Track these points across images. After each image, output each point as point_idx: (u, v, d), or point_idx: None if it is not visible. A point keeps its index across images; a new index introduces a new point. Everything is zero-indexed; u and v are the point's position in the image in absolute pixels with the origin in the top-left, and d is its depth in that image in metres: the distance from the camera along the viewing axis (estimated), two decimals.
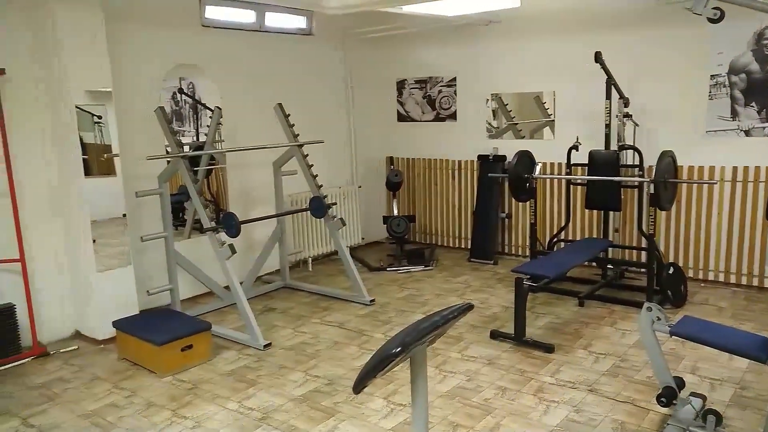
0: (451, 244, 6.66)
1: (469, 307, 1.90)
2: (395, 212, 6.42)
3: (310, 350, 4.06)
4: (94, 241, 4.15)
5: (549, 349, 3.87)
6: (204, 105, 6.52)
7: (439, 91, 6.44)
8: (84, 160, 4.12)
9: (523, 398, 3.30)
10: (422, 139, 6.68)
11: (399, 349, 1.63)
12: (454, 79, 6.31)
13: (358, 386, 1.70)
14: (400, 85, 6.73)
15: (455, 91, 6.34)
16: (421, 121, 6.66)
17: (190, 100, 7.12)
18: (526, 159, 4.96)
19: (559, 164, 5.66)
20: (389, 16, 5.49)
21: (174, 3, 4.80)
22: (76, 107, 4.02)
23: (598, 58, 4.81)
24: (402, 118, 6.80)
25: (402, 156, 6.86)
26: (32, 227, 4.14)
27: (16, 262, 4.01)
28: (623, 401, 3.22)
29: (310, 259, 6.05)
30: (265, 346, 4.08)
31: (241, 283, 4.38)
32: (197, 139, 6.87)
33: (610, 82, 4.89)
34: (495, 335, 4.14)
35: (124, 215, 4.42)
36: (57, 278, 4.31)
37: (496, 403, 3.26)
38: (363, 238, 6.64)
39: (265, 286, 5.41)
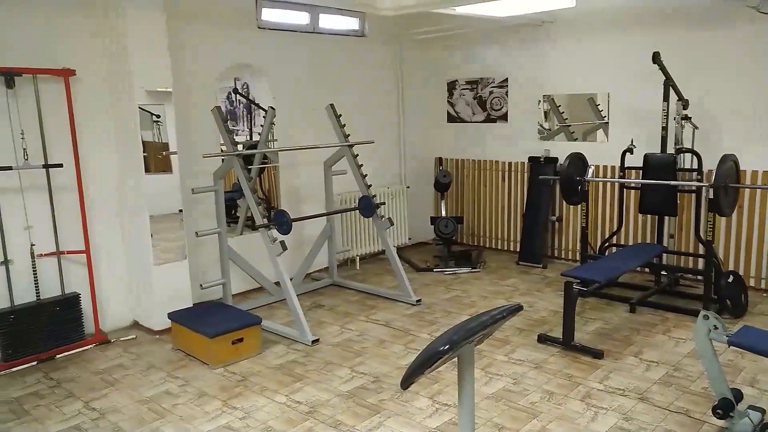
0: (498, 247, 6.60)
1: (518, 308, 1.89)
2: (443, 213, 6.41)
3: (356, 347, 4.11)
4: (152, 235, 4.32)
5: (598, 354, 3.80)
6: (258, 105, 6.68)
7: (491, 92, 6.40)
8: (143, 157, 4.30)
9: (570, 403, 3.25)
10: (472, 140, 6.65)
11: (447, 346, 1.65)
12: (506, 80, 6.25)
13: (406, 382, 1.72)
14: (451, 85, 6.72)
15: (506, 92, 6.28)
16: (471, 122, 6.63)
17: (244, 100, 7.32)
18: (578, 161, 4.88)
19: (612, 167, 5.53)
20: (441, 17, 5.50)
21: (232, 5, 4.95)
22: (139, 107, 4.20)
23: (656, 58, 4.68)
24: (452, 118, 6.79)
25: (451, 157, 6.85)
26: (96, 221, 4.35)
27: (81, 254, 4.23)
28: (676, 411, 3.13)
29: (357, 257, 6.12)
30: (313, 341, 4.16)
31: (290, 280, 4.47)
32: (250, 138, 7.05)
33: (669, 84, 4.75)
34: (542, 339, 4.09)
35: (181, 211, 4.58)
36: (117, 270, 4.51)
37: (543, 407, 3.22)
38: (410, 239, 6.66)
39: (314, 283, 5.50)
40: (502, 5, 4.36)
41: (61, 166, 4.06)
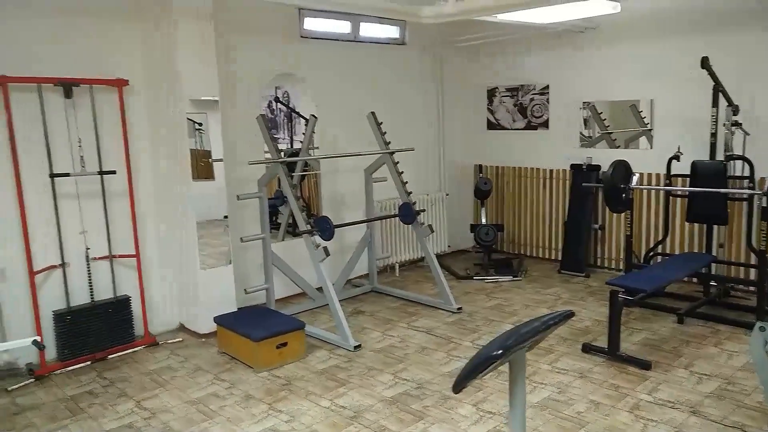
0: (540, 255, 6.53)
1: (570, 315, 1.88)
2: (483, 221, 6.38)
3: (398, 354, 4.13)
4: (198, 241, 4.43)
5: (646, 365, 3.72)
6: (298, 113, 6.79)
7: (531, 99, 6.36)
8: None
9: (619, 414, 3.19)
10: (512, 147, 6.61)
11: (500, 351, 1.65)
12: (547, 87, 6.20)
13: (458, 386, 1.73)
14: (491, 93, 6.70)
15: (548, 99, 6.23)
16: (511, 129, 6.59)
17: (285, 109, 7.45)
18: (622, 169, 4.80)
19: (657, 175, 5.42)
20: (482, 24, 5.51)
21: (276, 16, 5.06)
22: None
23: (705, 63, 4.58)
24: (492, 126, 6.77)
25: (491, 164, 6.82)
26: (146, 226, 4.49)
27: (132, 258, 4.37)
28: (731, 426, 3.04)
29: (397, 264, 6.14)
30: (356, 347, 4.19)
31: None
32: (291, 146, 7.16)
33: (718, 89, 4.64)
34: (587, 349, 4.02)
35: (226, 217, 4.69)
36: (165, 274, 4.64)
37: (589, 417, 3.17)
38: (449, 246, 6.65)
39: (354, 290, 5.54)
40: (546, 12, 4.34)
41: (114, 172, 4.21)
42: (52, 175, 3.96)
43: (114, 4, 4.19)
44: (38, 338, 3.45)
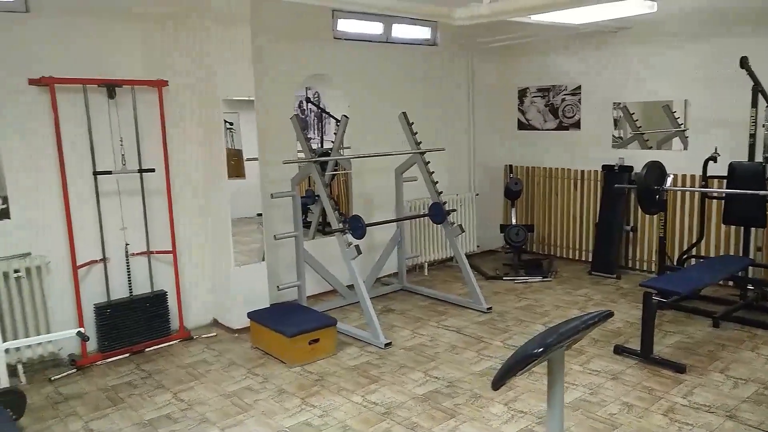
0: (570, 256, 6.48)
1: (609, 314, 1.89)
2: (513, 221, 6.36)
3: (429, 352, 4.15)
4: (232, 238, 4.52)
5: (680, 368, 3.68)
6: (329, 113, 6.87)
7: (563, 100, 6.32)
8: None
9: (652, 417, 3.17)
10: (543, 148, 6.58)
11: (540, 349, 1.67)
12: (579, 87, 6.16)
13: (498, 383, 1.75)
14: (522, 93, 6.68)
15: (579, 99, 6.19)
16: (542, 129, 6.57)
17: (315, 109, 7.53)
18: (656, 170, 4.75)
19: (692, 176, 5.35)
20: (514, 25, 5.50)
21: (310, 17, 5.13)
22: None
23: (744, 63, 4.51)
24: (522, 126, 6.75)
25: (521, 164, 6.80)
26: (182, 223, 4.59)
27: (168, 254, 4.48)
28: None
29: (426, 264, 6.17)
30: (386, 345, 4.23)
31: None
32: (321, 145, 7.24)
33: (757, 89, 4.56)
34: (619, 350, 4.00)
35: (260, 215, 4.78)
36: (200, 270, 4.74)
37: (622, 419, 3.16)
38: (478, 246, 6.65)
39: (383, 288, 5.58)
40: (580, 13, 4.32)
41: (153, 170, 4.32)
42: (95, 173, 4.09)
43: (155, 9, 4.30)
44: (82, 330, 3.58)
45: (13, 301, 3.80)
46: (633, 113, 5.81)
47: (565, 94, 6.30)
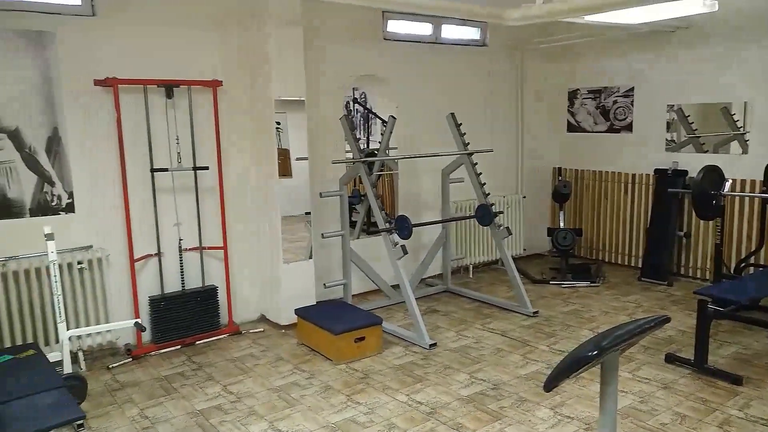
0: (619, 261, 6.34)
1: (666, 320, 1.86)
2: (561, 224, 6.27)
3: (473, 354, 4.14)
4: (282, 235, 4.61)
5: (737, 380, 3.56)
6: (375, 114, 6.91)
7: (614, 102, 6.19)
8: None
9: (707, 429, 3.08)
10: (593, 151, 6.46)
11: (595, 352, 1.65)
12: (632, 89, 6.02)
13: (550, 385, 1.74)
14: (572, 95, 6.57)
15: (632, 101, 6.04)
16: (592, 132, 6.44)
17: (361, 109, 7.60)
18: (713, 174, 4.60)
19: (752, 181, 5.15)
20: (566, 25, 5.43)
21: (360, 19, 5.19)
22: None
23: None
24: (572, 128, 6.64)
25: (570, 167, 6.69)
26: (233, 220, 4.71)
27: (220, 250, 4.60)
28: None
29: (471, 266, 6.14)
30: (431, 345, 4.24)
31: None
32: (367, 146, 7.30)
33: None
34: (671, 359, 3.89)
35: (308, 213, 4.86)
36: (249, 267, 4.86)
37: (674, 430, 3.08)
38: (525, 249, 6.57)
39: (428, 289, 5.59)
40: (638, 12, 4.22)
41: (207, 168, 4.45)
42: (153, 170, 4.24)
43: (211, 11, 4.43)
44: (139, 320, 3.72)
45: (76, 292, 3.98)
46: (688, 115, 5.64)
47: (617, 96, 6.16)
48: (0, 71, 3.69)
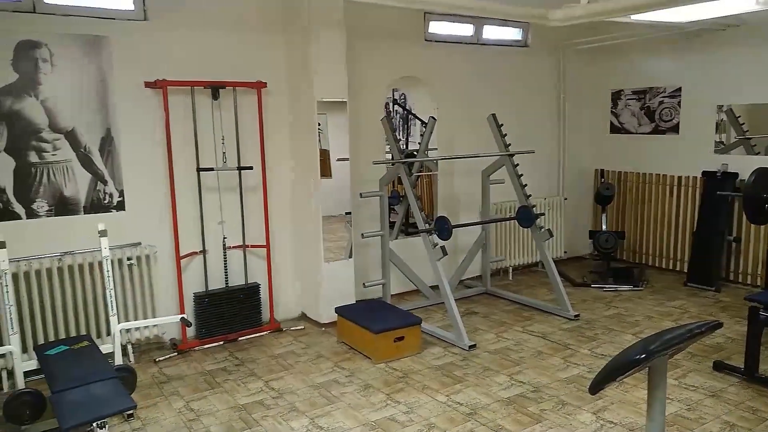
0: (663, 266, 6.19)
1: (718, 325, 1.82)
2: (603, 227, 6.16)
3: (513, 356, 4.11)
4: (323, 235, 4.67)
5: None
6: (414, 115, 6.92)
7: (660, 102, 6.05)
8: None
9: None
10: (637, 153, 6.32)
11: (643, 356, 1.63)
12: (679, 89, 5.87)
13: (596, 388, 1.73)
14: (616, 95, 6.45)
15: (679, 102, 5.89)
16: (636, 133, 6.31)
17: (401, 110, 7.62)
18: (766, 177, 4.44)
19: None
20: (610, 25, 5.33)
21: (402, 21, 5.22)
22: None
23: None
24: (615, 129, 6.51)
25: (613, 169, 6.57)
26: (275, 219, 4.80)
27: (262, 248, 4.69)
28: None
29: (510, 268, 6.09)
30: (470, 346, 4.23)
31: None
32: (407, 147, 7.31)
33: None
34: (719, 367, 3.79)
35: (348, 213, 4.91)
36: (290, 265, 4.94)
37: None
38: (565, 252, 6.48)
39: (467, 291, 5.57)
40: (687, 11, 4.12)
41: (251, 168, 4.55)
42: (199, 170, 4.36)
43: (256, 15, 4.53)
44: (185, 316, 3.83)
45: (125, 287, 4.12)
46: (739, 116, 5.47)
47: (663, 97, 6.02)
48: (59, 75, 3.86)
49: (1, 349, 3.30)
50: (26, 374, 3.36)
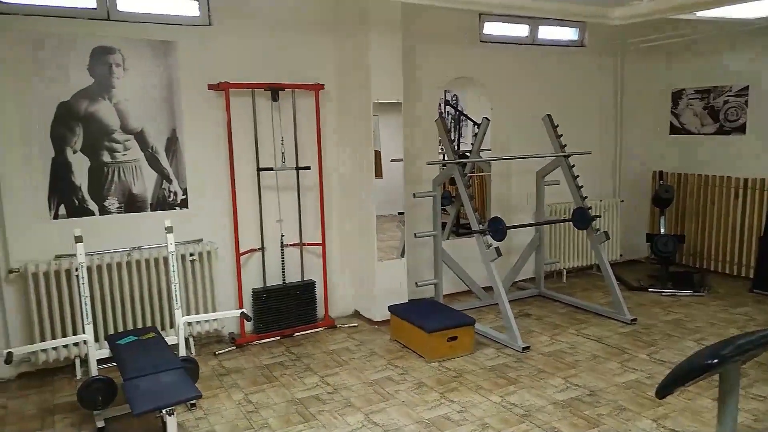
0: (726, 271, 5.97)
1: None
2: (662, 230, 5.99)
3: (568, 359, 4.06)
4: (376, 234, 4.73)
5: None
6: (466, 116, 6.90)
7: (725, 102, 5.84)
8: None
9: None
10: (699, 154, 6.12)
11: (715, 360, 1.60)
12: (746, 87, 5.65)
13: (663, 391, 1.71)
14: (676, 95, 6.26)
15: (746, 101, 5.67)
16: (699, 134, 6.11)
17: (452, 111, 7.61)
18: None
19: None
20: (671, 22, 5.20)
21: (457, 22, 5.22)
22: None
23: None
24: (675, 130, 6.32)
25: (672, 171, 6.38)
26: (331, 218, 4.89)
27: (318, 246, 4.79)
28: None
29: (564, 270, 6.00)
30: (524, 348, 4.20)
31: None
32: (458, 148, 7.30)
33: None
34: None
35: (401, 213, 4.95)
36: (344, 263, 5.02)
37: None
38: (621, 255, 6.34)
39: (520, 292, 5.53)
40: (758, 6, 3.97)
41: (308, 168, 4.65)
42: (259, 169, 4.49)
43: (314, 19, 4.63)
44: (245, 310, 3.95)
45: (187, 281, 4.28)
46: None
47: (728, 96, 5.81)
48: (130, 78, 4.05)
49: (76, 337, 3.49)
50: (98, 362, 3.54)
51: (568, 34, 5.88)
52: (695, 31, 5.50)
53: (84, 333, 3.41)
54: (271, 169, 4.53)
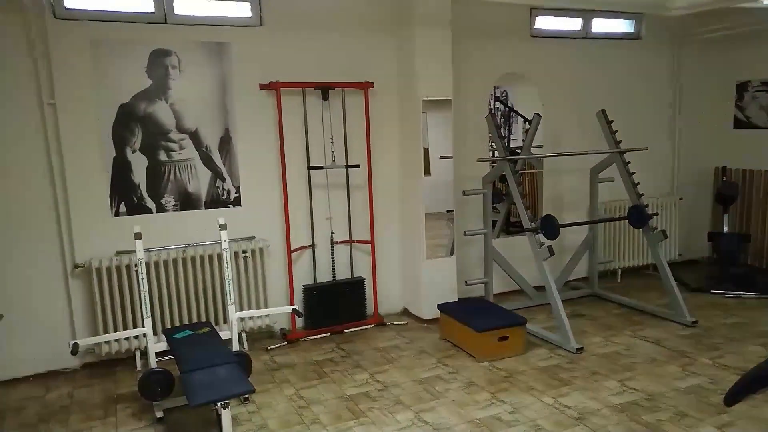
0: None
1: None
2: (725, 229, 5.73)
3: (624, 361, 3.94)
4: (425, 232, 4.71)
5: None
6: (517, 112, 6.78)
7: None
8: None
9: None
10: (766, 149, 5.82)
11: None
12: None
13: (732, 399, 1.63)
14: (741, 87, 5.98)
15: None
16: (766, 128, 5.81)
17: (502, 108, 7.49)
18: None
19: None
20: (734, 12, 4.95)
21: (508, 17, 5.14)
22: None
23: None
24: (740, 124, 6.04)
25: (737, 167, 6.09)
26: (379, 215, 4.90)
27: (367, 243, 4.81)
28: None
29: (619, 270, 5.83)
30: (577, 349, 4.10)
31: None
32: (508, 144, 7.19)
33: None
34: None
35: (450, 211, 4.91)
36: (393, 261, 5.02)
37: None
38: (680, 255, 6.11)
39: (572, 292, 5.40)
40: None
41: (358, 167, 4.67)
42: (309, 167, 4.54)
43: (364, 17, 4.64)
44: (296, 307, 4.01)
45: (240, 278, 4.37)
46: None
47: None
48: (186, 79, 4.17)
49: (136, 330, 3.62)
50: (157, 354, 3.66)
51: (623, 26, 5.70)
52: (760, 20, 5.22)
53: (143, 326, 3.52)
54: (321, 167, 4.57)
